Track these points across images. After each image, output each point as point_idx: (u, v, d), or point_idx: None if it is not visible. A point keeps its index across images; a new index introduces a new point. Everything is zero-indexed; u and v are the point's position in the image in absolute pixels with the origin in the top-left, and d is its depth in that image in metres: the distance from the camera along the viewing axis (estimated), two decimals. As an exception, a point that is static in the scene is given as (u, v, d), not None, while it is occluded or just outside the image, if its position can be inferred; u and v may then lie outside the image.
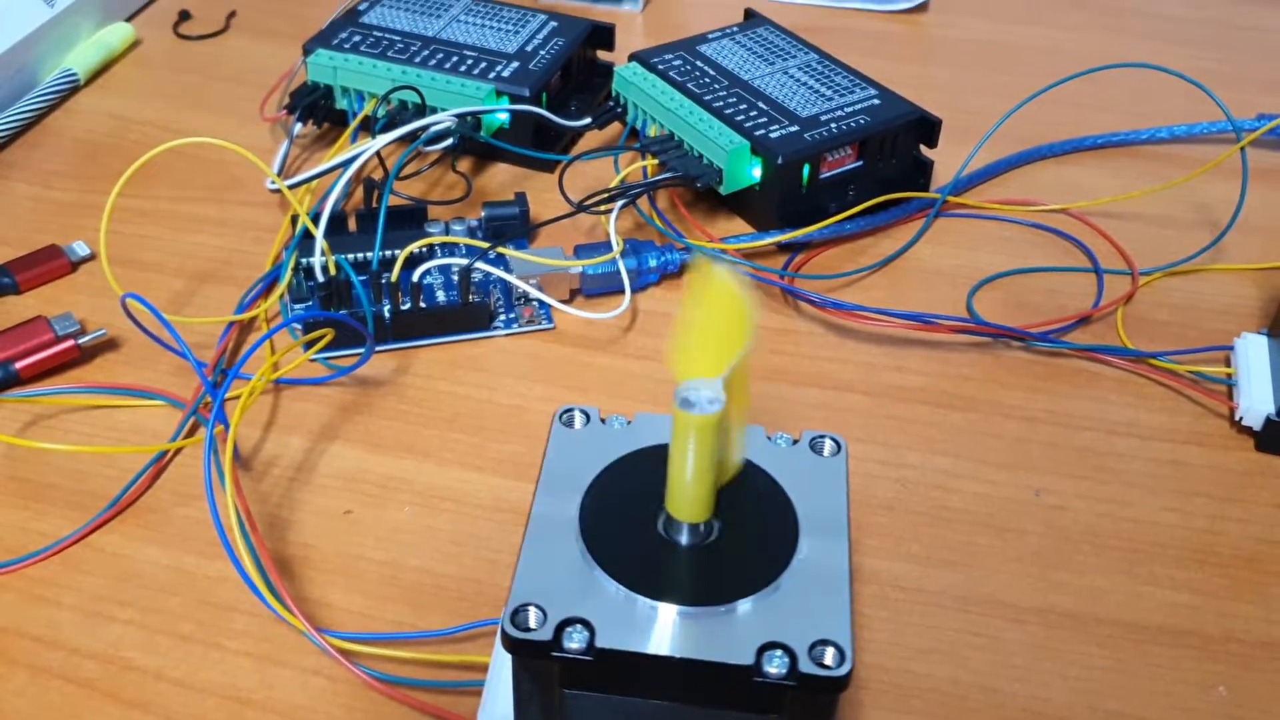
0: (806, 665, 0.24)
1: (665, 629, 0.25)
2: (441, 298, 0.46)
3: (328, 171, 0.48)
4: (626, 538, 0.27)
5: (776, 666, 0.24)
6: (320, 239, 0.44)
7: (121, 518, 0.39)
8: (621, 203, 0.48)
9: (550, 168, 0.54)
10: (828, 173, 0.50)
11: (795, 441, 0.29)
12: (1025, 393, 0.44)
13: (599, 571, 0.26)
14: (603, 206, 0.48)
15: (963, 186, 0.53)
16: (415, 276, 0.44)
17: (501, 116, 0.52)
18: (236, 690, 0.34)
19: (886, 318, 0.45)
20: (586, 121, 0.53)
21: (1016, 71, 0.62)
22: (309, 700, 0.34)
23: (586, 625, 0.25)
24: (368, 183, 0.48)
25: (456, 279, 0.46)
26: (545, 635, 0.25)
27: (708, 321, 0.25)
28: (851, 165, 0.50)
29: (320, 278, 0.44)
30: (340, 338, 0.43)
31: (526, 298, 0.47)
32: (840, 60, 0.54)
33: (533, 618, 0.25)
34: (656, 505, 0.27)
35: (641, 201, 0.49)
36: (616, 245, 0.46)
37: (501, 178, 0.54)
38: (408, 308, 0.44)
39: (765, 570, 0.26)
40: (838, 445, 0.29)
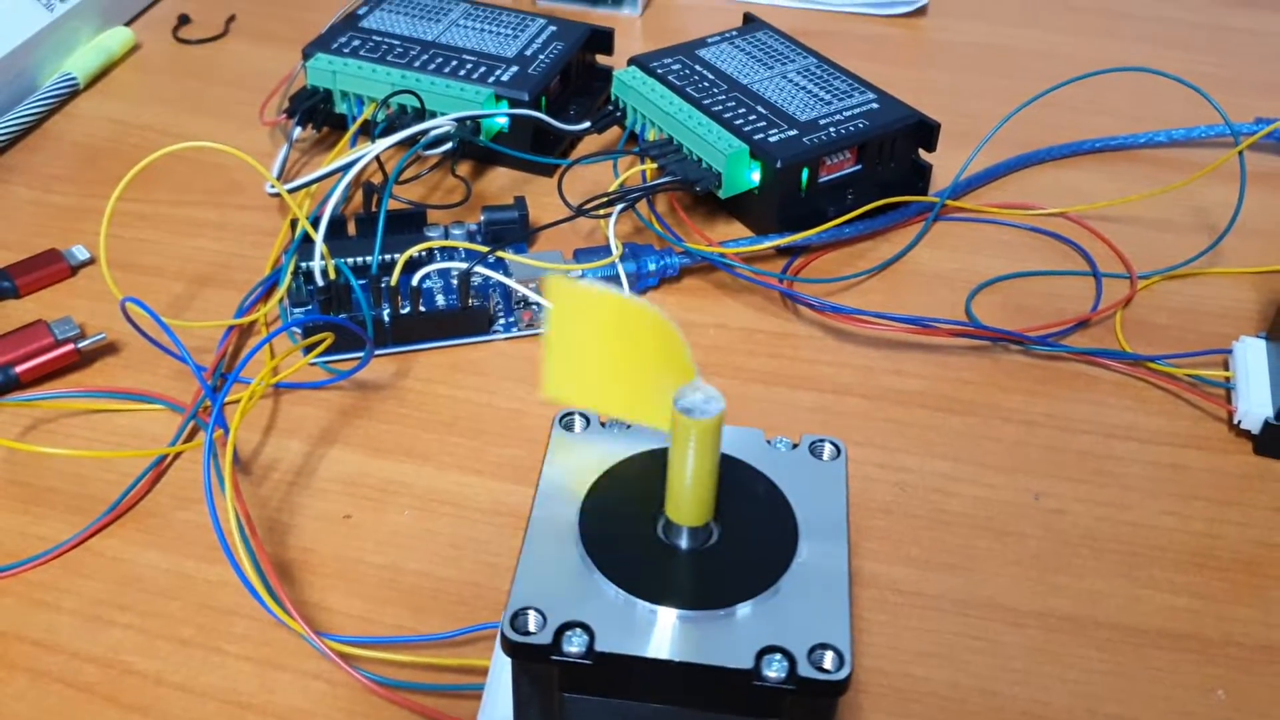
0: (806, 669, 0.24)
1: (665, 633, 0.25)
2: (441, 302, 0.46)
3: (327, 176, 0.49)
4: (626, 541, 0.27)
5: (776, 670, 0.24)
6: (320, 243, 0.44)
7: (121, 522, 0.39)
8: (620, 207, 0.48)
9: (549, 172, 0.54)
10: (827, 176, 0.50)
11: (795, 446, 0.29)
12: (1024, 396, 0.44)
13: (598, 575, 0.26)
14: (602, 210, 0.48)
15: (961, 190, 0.53)
16: (415, 280, 0.44)
17: (501, 121, 0.52)
18: (237, 694, 0.34)
19: (885, 321, 0.45)
20: (585, 126, 0.54)
21: (1015, 75, 0.62)
22: (309, 704, 0.34)
23: (586, 629, 0.25)
24: (367, 187, 0.48)
25: (456, 283, 0.46)
26: (545, 639, 0.25)
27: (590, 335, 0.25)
28: (850, 169, 0.50)
29: (320, 282, 0.44)
30: (340, 342, 0.43)
31: (526, 301, 0.47)
32: (839, 64, 0.54)
33: (532, 621, 0.25)
34: (656, 509, 0.27)
35: (640, 205, 0.49)
36: (615, 249, 0.47)
37: (501, 182, 0.54)
38: (407, 312, 0.44)
39: (764, 574, 0.26)
40: (837, 449, 0.29)
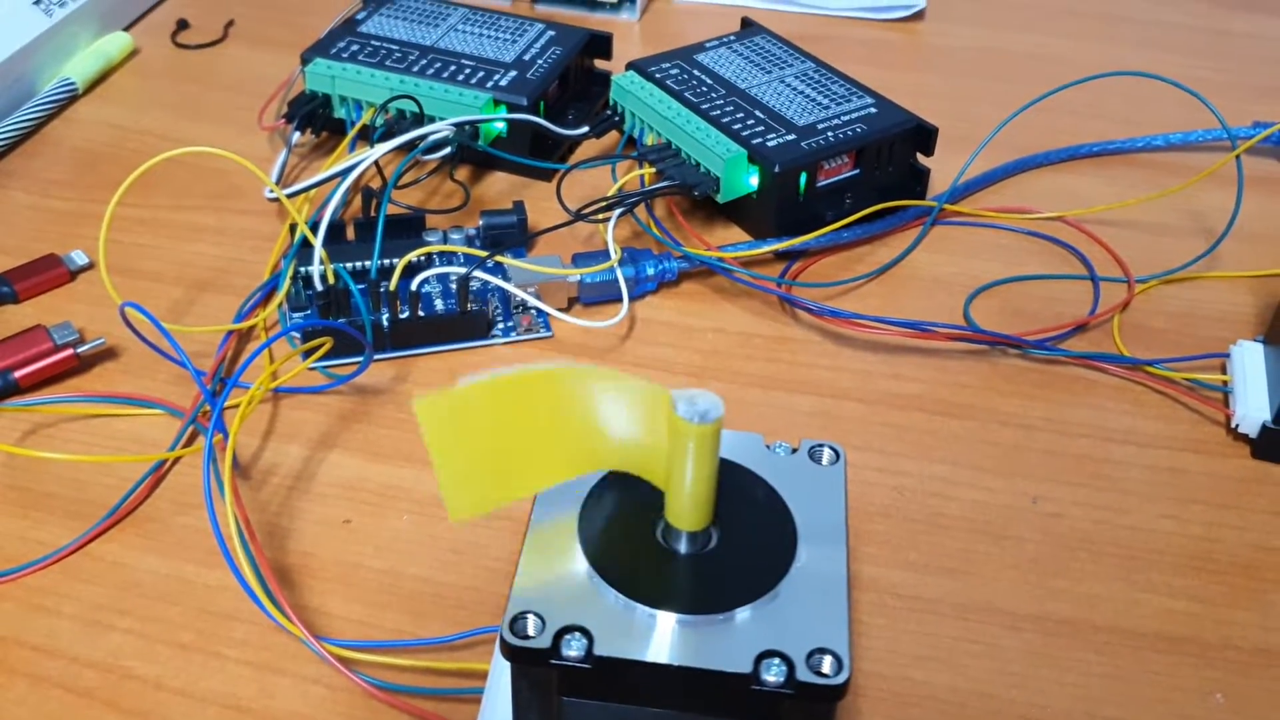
0: (804, 674, 0.24)
1: (663, 637, 0.25)
2: (440, 306, 0.46)
3: (326, 180, 0.49)
4: (625, 546, 0.27)
5: (774, 675, 0.24)
6: (319, 248, 0.44)
7: (121, 527, 0.39)
8: (619, 211, 0.48)
9: (548, 176, 0.54)
10: (825, 181, 0.50)
11: (794, 450, 0.29)
12: (1022, 400, 0.44)
13: (598, 579, 0.26)
14: (600, 215, 0.48)
15: (959, 194, 0.53)
16: (414, 285, 0.44)
17: (499, 125, 0.53)
18: (236, 699, 0.34)
19: (883, 325, 0.45)
20: (584, 130, 0.54)
21: (1013, 79, 0.62)
22: (309, 709, 0.34)
23: (585, 633, 0.25)
24: (366, 191, 0.48)
25: (455, 287, 0.46)
26: (544, 643, 0.25)
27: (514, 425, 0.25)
28: (848, 173, 0.50)
29: (319, 286, 0.44)
30: (339, 346, 0.44)
31: (525, 306, 0.47)
32: (837, 69, 0.54)
33: (531, 625, 0.25)
34: (655, 513, 0.27)
35: (639, 210, 0.49)
36: (614, 253, 0.47)
37: (499, 186, 0.54)
38: (406, 316, 0.44)
39: (763, 578, 0.26)
40: (836, 454, 0.29)
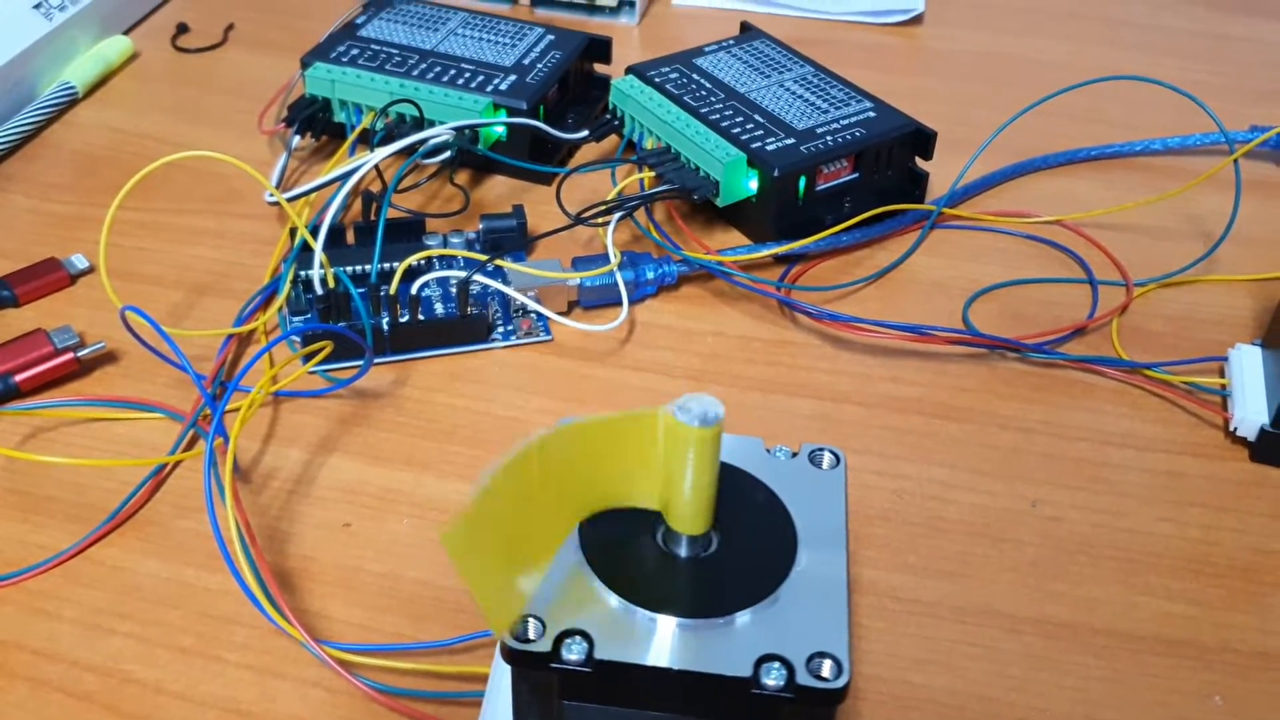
0: (804, 677, 0.24)
1: (664, 640, 0.25)
2: (440, 310, 0.46)
3: (326, 184, 0.49)
4: (626, 549, 0.27)
5: (774, 678, 0.24)
6: (319, 251, 0.44)
7: (121, 530, 0.39)
8: (619, 215, 0.48)
9: (548, 180, 0.54)
10: (824, 185, 0.50)
11: (794, 454, 0.30)
12: (1021, 404, 0.44)
13: (598, 583, 0.26)
14: (600, 219, 0.48)
15: (958, 198, 0.53)
16: (414, 289, 0.44)
17: (499, 129, 0.53)
18: (237, 703, 0.34)
19: (883, 329, 0.46)
20: (584, 134, 0.54)
21: (1011, 83, 0.63)
22: (309, 712, 0.34)
23: (585, 637, 0.25)
24: (366, 195, 0.48)
25: (455, 291, 0.46)
26: (544, 646, 0.25)
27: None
28: (847, 177, 0.50)
29: (319, 290, 0.44)
30: (339, 350, 0.44)
31: (524, 310, 0.47)
32: (836, 73, 0.54)
33: (532, 629, 0.25)
34: (655, 517, 0.27)
35: (639, 214, 0.49)
36: (614, 257, 0.47)
37: (499, 190, 0.54)
38: (406, 320, 0.45)
39: (763, 582, 0.26)
40: (836, 458, 0.29)
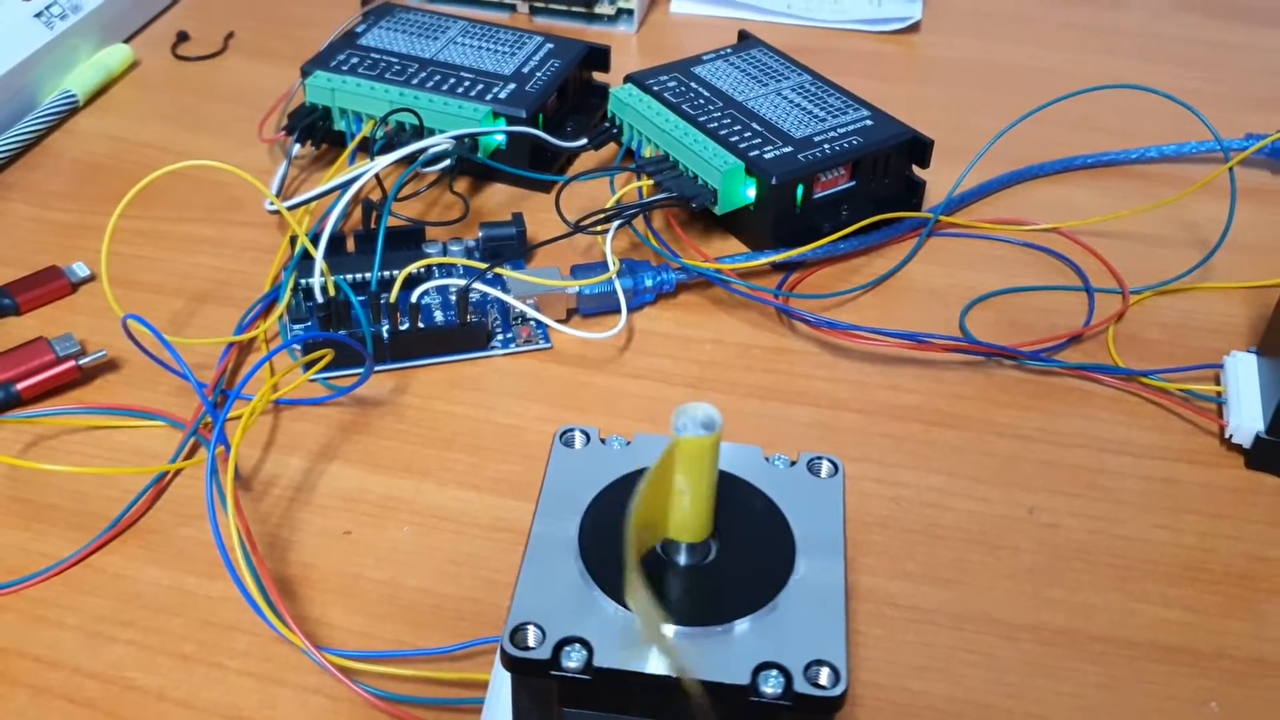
0: (802, 685, 0.25)
1: (663, 648, 0.25)
2: (439, 318, 0.46)
3: (326, 193, 0.49)
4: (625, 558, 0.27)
5: (772, 686, 0.25)
6: (319, 260, 0.44)
7: (123, 538, 0.39)
8: (617, 223, 0.48)
9: (547, 188, 0.54)
10: (821, 193, 0.50)
11: (793, 463, 0.30)
12: (1018, 411, 0.44)
13: (598, 591, 0.26)
14: (599, 227, 0.48)
15: (955, 206, 0.53)
16: (414, 297, 0.45)
17: (498, 138, 0.53)
18: (238, 710, 0.34)
19: (880, 337, 0.46)
20: (582, 142, 0.54)
21: (1008, 91, 0.63)
22: (310, 719, 0.34)
23: (585, 644, 0.25)
24: (366, 204, 0.48)
25: (454, 299, 0.46)
26: (544, 654, 0.25)
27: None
28: (845, 185, 0.51)
29: (319, 298, 0.45)
30: (339, 358, 0.44)
31: (524, 317, 0.47)
32: (833, 81, 0.54)
33: (531, 636, 0.25)
34: (654, 526, 0.27)
35: (637, 222, 0.50)
36: (613, 265, 0.47)
37: (499, 198, 0.54)
38: (406, 328, 0.45)
39: (762, 590, 0.26)
40: (835, 467, 0.30)
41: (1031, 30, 0.70)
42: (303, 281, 0.46)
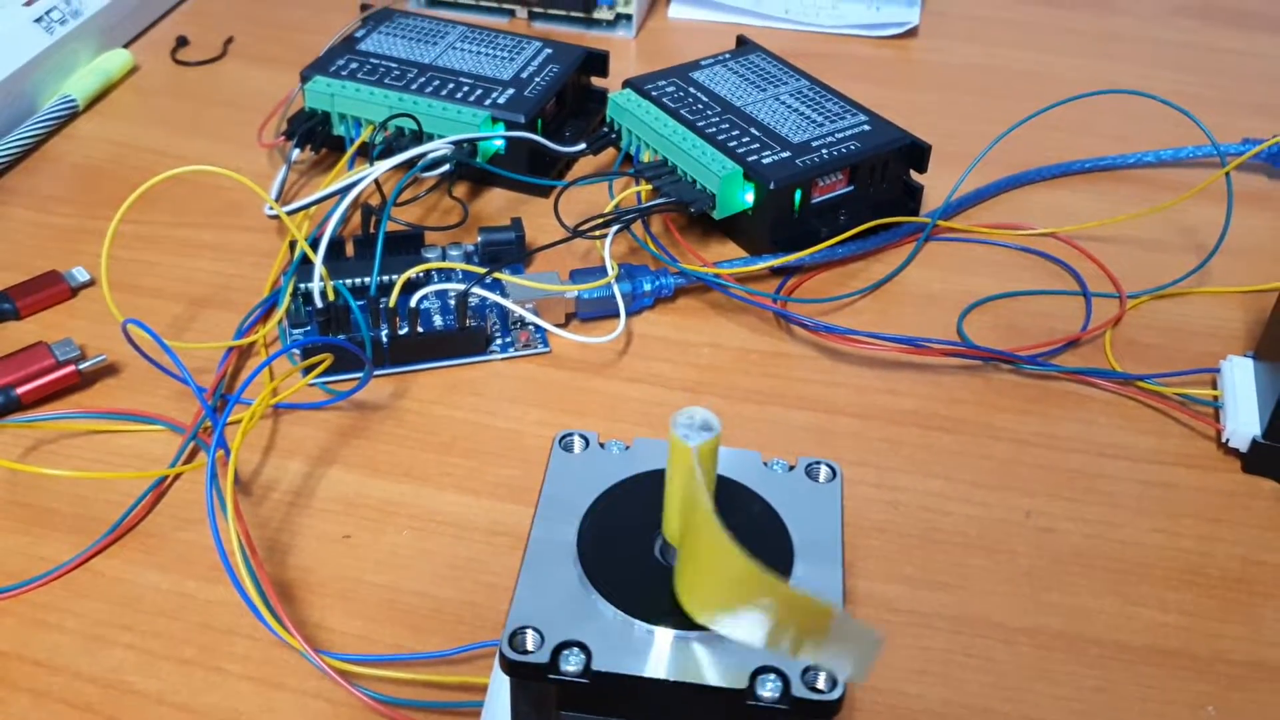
0: (799, 689, 0.25)
1: (661, 652, 0.25)
2: (438, 322, 0.46)
3: (326, 198, 0.49)
4: (624, 562, 0.27)
5: (770, 690, 0.25)
6: (319, 264, 0.44)
7: (122, 542, 0.39)
8: (616, 228, 0.48)
9: (545, 193, 0.54)
10: (819, 198, 0.50)
11: (791, 467, 0.30)
12: (1015, 415, 0.44)
13: (596, 595, 0.26)
14: (597, 231, 0.48)
15: (952, 211, 0.54)
16: (413, 301, 0.45)
17: (497, 143, 0.53)
18: (238, 714, 0.34)
19: (878, 341, 0.46)
20: (581, 147, 0.54)
21: (1006, 96, 0.63)
22: (309, 723, 0.34)
23: (583, 648, 0.25)
24: (365, 208, 0.49)
25: (453, 304, 0.46)
26: (542, 658, 0.25)
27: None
28: (843, 190, 0.51)
29: (319, 303, 0.45)
30: (339, 362, 0.44)
31: (522, 322, 0.47)
32: (831, 86, 0.55)
33: (530, 640, 0.26)
34: (654, 529, 0.27)
35: (636, 226, 0.50)
36: (611, 269, 0.47)
37: (497, 203, 0.55)
38: (405, 332, 0.45)
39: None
40: (833, 472, 0.30)
41: (1029, 35, 0.70)
42: (302, 286, 0.46)
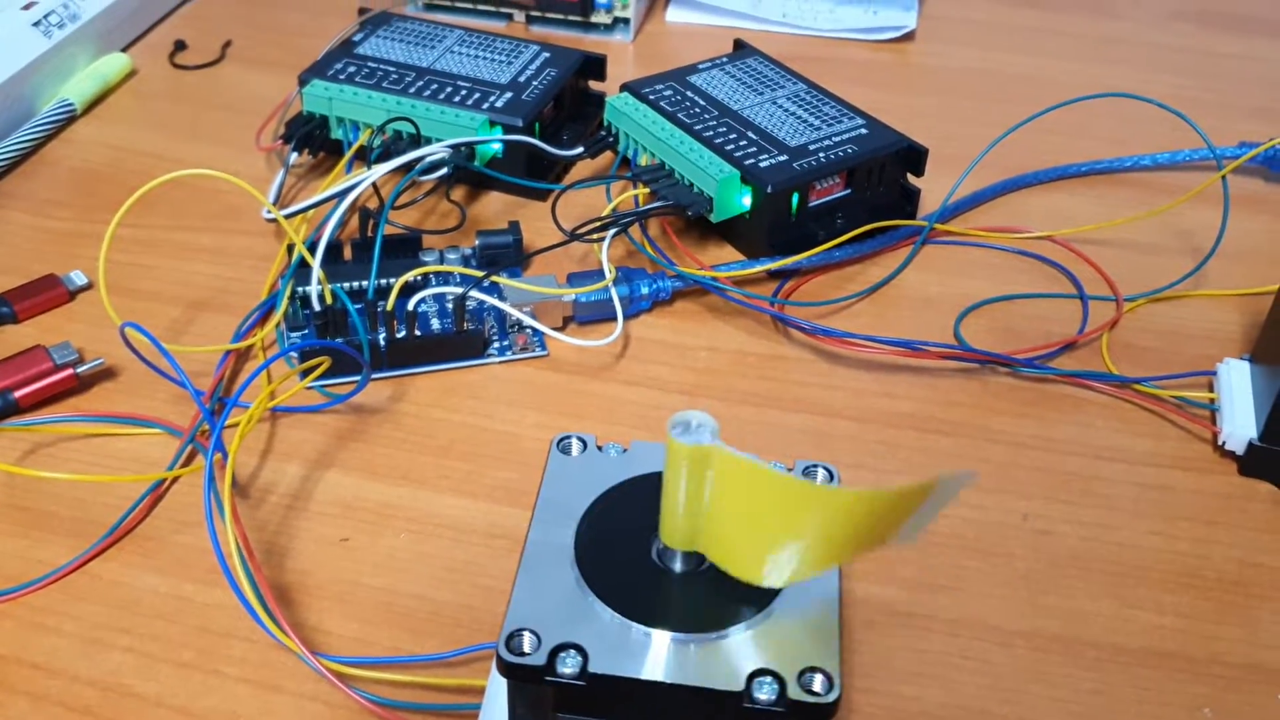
0: (795, 692, 0.25)
1: (658, 655, 0.26)
2: (436, 326, 0.46)
3: (323, 201, 0.49)
4: (621, 564, 0.27)
5: (766, 693, 0.25)
6: (316, 268, 0.44)
7: (120, 545, 0.39)
8: (613, 231, 0.48)
9: (543, 196, 0.54)
10: (816, 201, 0.50)
11: (789, 470, 0.30)
12: (1012, 418, 0.44)
13: (593, 598, 0.26)
14: (595, 235, 0.48)
15: (949, 214, 0.54)
16: (410, 305, 0.45)
17: (495, 146, 0.53)
18: (235, 716, 0.34)
19: (875, 344, 0.46)
20: (579, 151, 0.54)
21: (1003, 100, 0.63)
22: (306, 726, 0.34)
23: (580, 651, 0.25)
24: (363, 212, 0.49)
25: (451, 307, 0.46)
26: (539, 660, 0.25)
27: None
28: (840, 193, 0.51)
29: (316, 306, 0.45)
30: (336, 366, 0.44)
31: (520, 325, 0.47)
32: (828, 90, 0.55)
33: (527, 643, 0.26)
34: (651, 532, 0.27)
35: (633, 230, 0.50)
36: (609, 273, 0.47)
37: (495, 207, 0.55)
38: (403, 336, 0.45)
39: (756, 597, 0.26)
40: (830, 474, 0.30)
41: (1026, 39, 0.70)
42: (300, 289, 0.46)
